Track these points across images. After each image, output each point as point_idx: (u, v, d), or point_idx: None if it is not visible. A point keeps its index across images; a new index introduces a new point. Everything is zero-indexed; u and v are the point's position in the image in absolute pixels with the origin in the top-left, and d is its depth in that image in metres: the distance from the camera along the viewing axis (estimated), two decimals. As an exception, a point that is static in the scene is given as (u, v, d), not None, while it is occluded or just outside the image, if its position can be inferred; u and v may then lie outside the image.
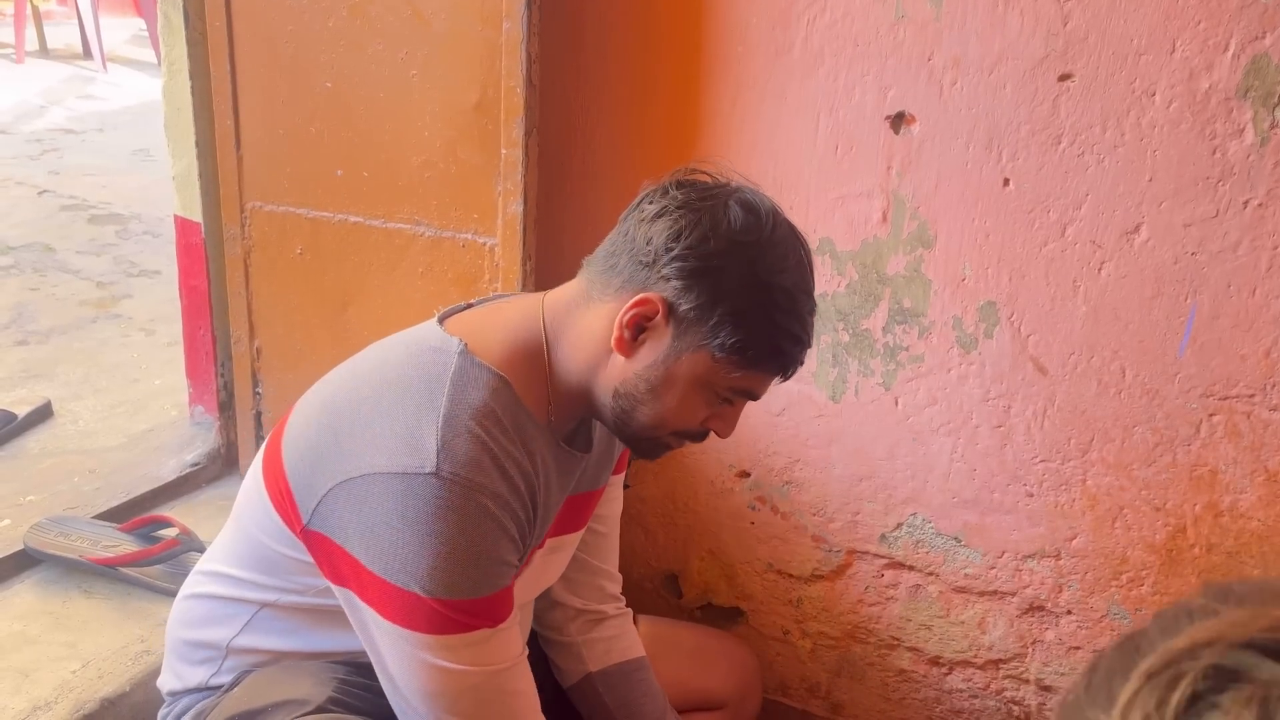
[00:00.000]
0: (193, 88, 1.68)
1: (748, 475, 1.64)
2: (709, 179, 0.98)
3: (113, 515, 1.66)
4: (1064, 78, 1.29)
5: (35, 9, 5.98)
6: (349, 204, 1.60)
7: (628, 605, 1.31)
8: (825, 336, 1.51)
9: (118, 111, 5.09)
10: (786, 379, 1.00)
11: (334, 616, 0.99)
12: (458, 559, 0.91)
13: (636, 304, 0.94)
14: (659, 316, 0.94)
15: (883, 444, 1.53)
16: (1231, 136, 1.23)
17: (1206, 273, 1.28)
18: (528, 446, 0.98)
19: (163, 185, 2.01)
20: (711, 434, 1.03)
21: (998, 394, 1.44)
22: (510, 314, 1.03)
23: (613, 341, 0.96)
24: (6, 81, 5.29)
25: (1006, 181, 1.35)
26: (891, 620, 1.62)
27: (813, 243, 1.47)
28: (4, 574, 1.50)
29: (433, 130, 1.51)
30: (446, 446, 0.91)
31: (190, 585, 1.13)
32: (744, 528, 1.67)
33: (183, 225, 1.83)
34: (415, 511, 0.90)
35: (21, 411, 1.98)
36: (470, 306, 1.06)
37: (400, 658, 0.95)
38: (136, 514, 1.66)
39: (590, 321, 0.99)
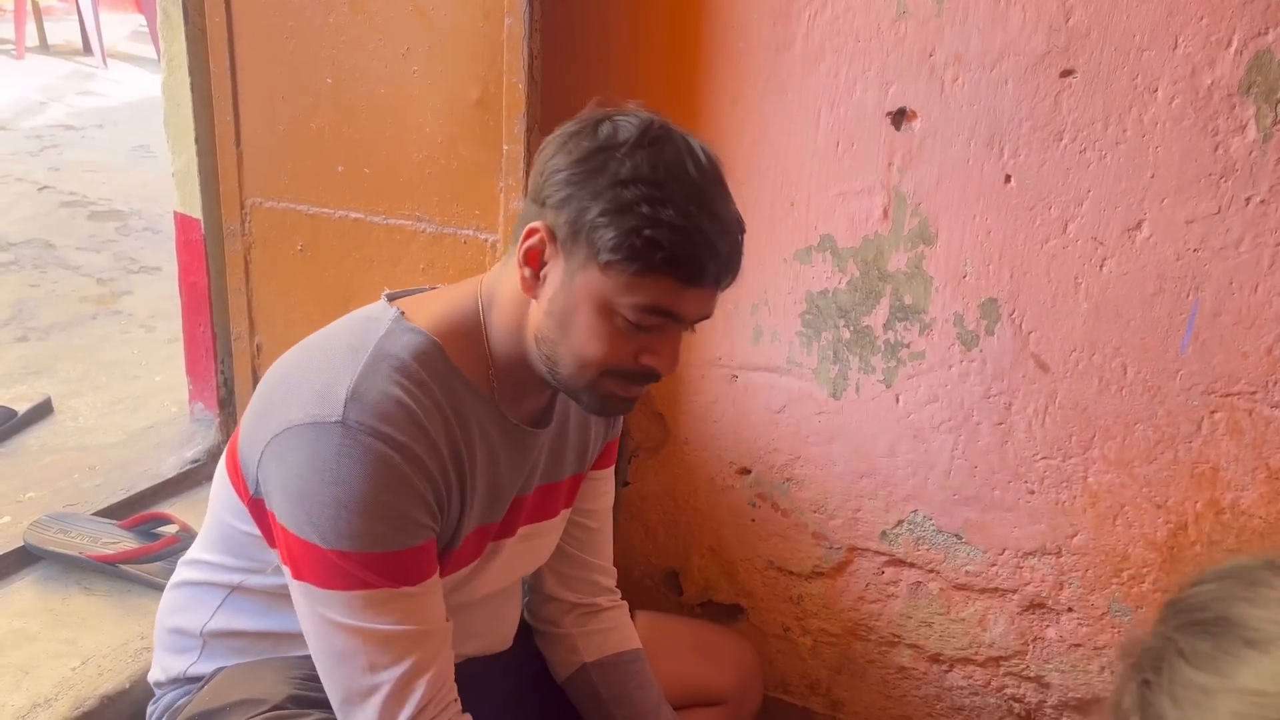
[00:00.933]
0: (192, 83, 1.68)
1: (748, 472, 1.64)
2: (600, 110, 0.97)
3: (113, 512, 1.67)
4: (1066, 74, 1.29)
5: (36, 5, 5.98)
6: (350, 200, 1.60)
7: (625, 600, 1.31)
8: (826, 333, 1.51)
9: (118, 108, 5.09)
10: (691, 283, 0.92)
11: None
12: (358, 509, 0.90)
13: (525, 237, 0.94)
14: (547, 244, 0.93)
15: (883, 441, 1.53)
16: (1234, 133, 1.23)
17: (1208, 269, 1.28)
18: (459, 411, 0.97)
19: (163, 181, 2.01)
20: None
21: (999, 391, 1.43)
22: (452, 290, 1.04)
23: (521, 287, 0.96)
24: (6, 77, 5.28)
25: (1008, 178, 1.35)
26: (892, 617, 1.62)
27: (814, 239, 1.47)
28: (4, 571, 1.50)
29: (434, 126, 1.50)
30: (356, 395, 0.92)
31: (174, 577, 1.15)
32: (744, 525, 1.67)
33: (182, 221, 1.83)
34: (320, 460, 0.90)
35: (21, 408, 1.98)
36: (424, 291, 1.08)
37: (309, 618, 0.95)
38: (136, 511, 1.66)
39: (509, 276, 0.99)
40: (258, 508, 0.98)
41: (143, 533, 1.57)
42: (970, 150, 1.35)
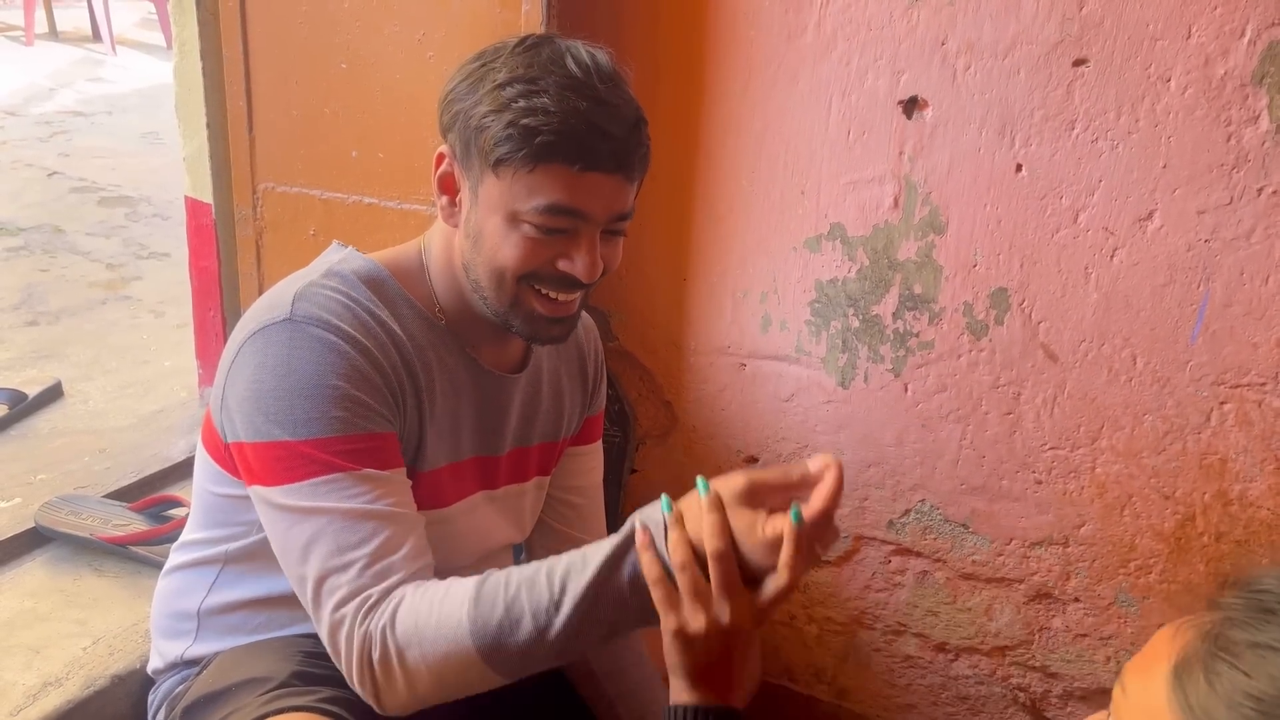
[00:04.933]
0: (204, 68, 1.68)
1: (756, 460, 1.64)
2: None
3: (123, 494, 1.67)
4: (1079, 63, 1.28)
5: (45, -9, 5.98)
6: (364, 185, 1.60)
7: None
8: (835, 322, 1.51)
9: (127, 94, 5.09)
10: (586, 167, 0.90)
11: None
12: (313, 395, 0.91)
13: (435, 165, 0.98)
14: (451, 166, 0.97)
15: (891, 430, 1.53)
16: (1246, 123, 1.23)
17: (1219, 260, 1.28)
18: (411, 334, 1.00)
19: (172, 168, 2.01)
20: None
21: (1007, 381, 1.43)
22: (404, 244, 1.09)
23: (441, 218, 1.00)
24: (16, 64, 5.29)
25: (1019, 167, 1.35)
26: (898, 606, 1.62)
27: (824, 228, 1.47)
28: (15, 552, 1.51)
29: (449, 111, 1.51)
30: (301, 296, 0.95)
31: (167, 564, 1.15)
32: (751, 513, 1.67)
33: (193, 206, 1.83)
34: (272, 358, 0.92)
35: (32, 391, 1.99)
36: None
37: (276, 523, 0.93)
38: (146, 493, 1.67)
39: (440, 221, 1.03)
40: (230, 453, 0.98)
41: (153, 515, 1.58)
42: (981, 139, 1.35)
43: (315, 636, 1.03)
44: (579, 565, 0.86)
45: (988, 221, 1.38)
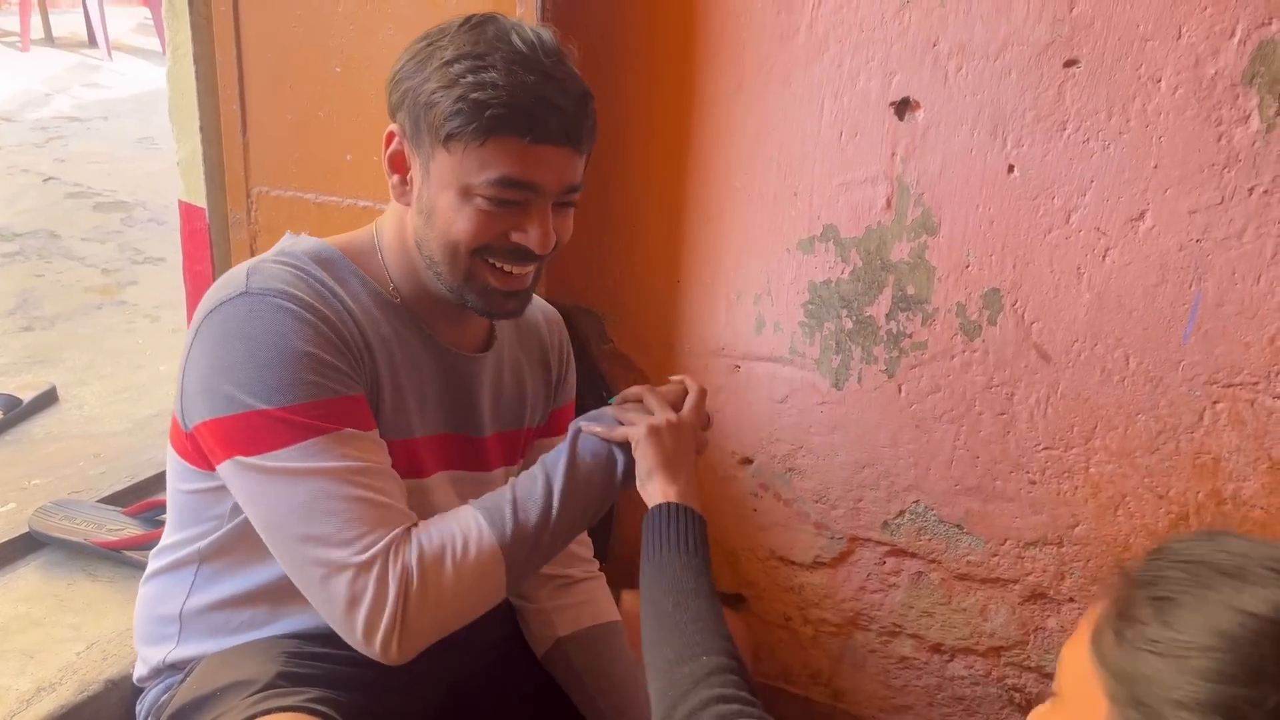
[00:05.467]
0: (197, 72, 1.68)
1: (750, 462, 1.65)
2: None
3: (117, 499, 1.67)
4: (1069, 64, 1.29)
5: (40, -3, 5.98)
6: (358, 188, 1.60)
7: (628, 590, 1.31)
8: (829, 323, 1.51)
9: (122, 99, 5.09)
10: (536, 139, 0.92)
11: (257, 539, 0.98)
12: (280, 361, 0.91)
13: (385, 144, 0.98)
14: (401, 145, 0.97)
15: (885, 431, 1.53)
16: (1237, 123, 1.23)
17: (1211, 260, 1.28)
18: (364, 308, 1.00)
19: (167, 173, 2.01)
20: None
21: (1001, 381, 1.44)
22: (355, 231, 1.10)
23: (393, 197, 1.00)
24: (12, 69, 5.28)
25: (1011, 168, 1.35)
26: (893, 607, 1.62)
27: (817, 229, 1.47)
28: (10, 557, 1.50)
29: (442, 115, 1.51)
30: (254, 271, 0.96)
31: (146, 571, 1.15)
32: (746, 515, 1.68)
33: (187, 210, 1.83)
34: (231, 331, 0.92)
35: (27, 396, 1.99)
36: None
37: (261, 499, 0.93)
38: (141, 498, 1.67)
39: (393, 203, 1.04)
40: (194, 444, 0.98)
41: (147, 520, 1.57)
42: (973, 140, 1.36)
43: (299, 636, 1.04)
44: (550, 460, 1.01)
45: (980, 222, 1.38)
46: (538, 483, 0.99)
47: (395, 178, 0.99)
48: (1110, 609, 0.65)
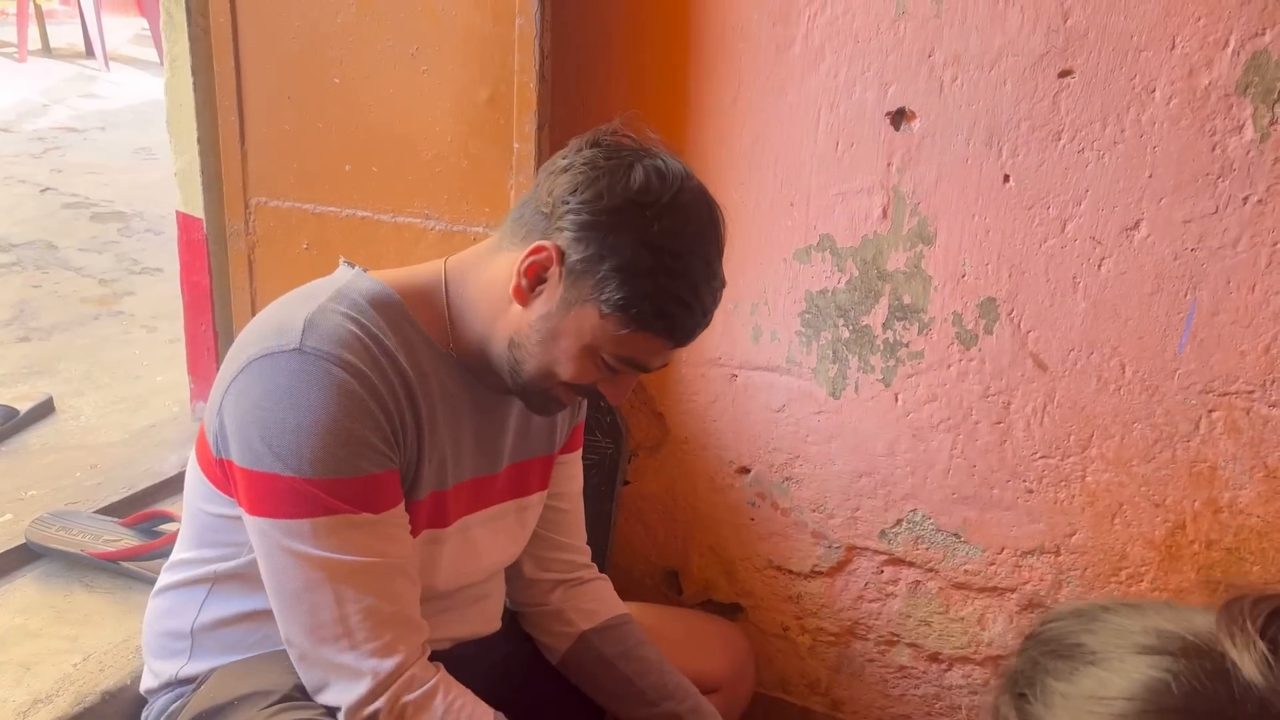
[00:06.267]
0: (195, 83, 1.69)
1: (748, 471, 1.65)
2: (629, 141, 0.99)
3: (114, 510, 1.67)
4: (1064, 74, 1.29)
5: (38, 8, 5.99)
6: (357, 199, 1.61)
7: (623, 599, 1.32)
8: (825, 333, 1.52)
9: (120, 110, 5.10)
10: (677, 345, 0.99)
11: None
12: (317, 432, 0.92)
13: (533, 251, 0.97)
14: (553, 265, 0.96)
15: (883, 440, 1.53)
16: (1231, 133, 1.24)
17: (1206, 269, 1.29)
18: (415, 360, 1.00)
19: (165, 183, 2.02)
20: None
21: (997, 390, 1.44)
22: (415, 266, 1.09)
23: (511, 289, 0.99)
24: (9, 80, 5.29)
25: (1007, 178, 1.36)
26: (891, 616, 1.62)
27: (813, 239, 1.48)
28: (6, 568, 1.50)
29: (444, 125, 1.51)
30: (311, 324, 0.95)
31: (157, 584, 1.15)
32: (744, 524, 1.68)
33: (184, 221, 1.84)
34: (278, 388, 0.93)
35: (24, 407, 1.99)
36: None
37: (269, 556, 0.95)
38: (138, 509, 1.66)
39: (495, 269, 1.02)
40: (223, 470, 0.99)
41: (144, 530, 1.57)
42: (969, 150, 1.36)
43: None
44: None
45: (976, 232, 1.39)
46: None
47: (526, 281, 0.97)
48: (999, 694, 0.61)
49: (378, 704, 0.94)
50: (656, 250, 0.93)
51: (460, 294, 1.04)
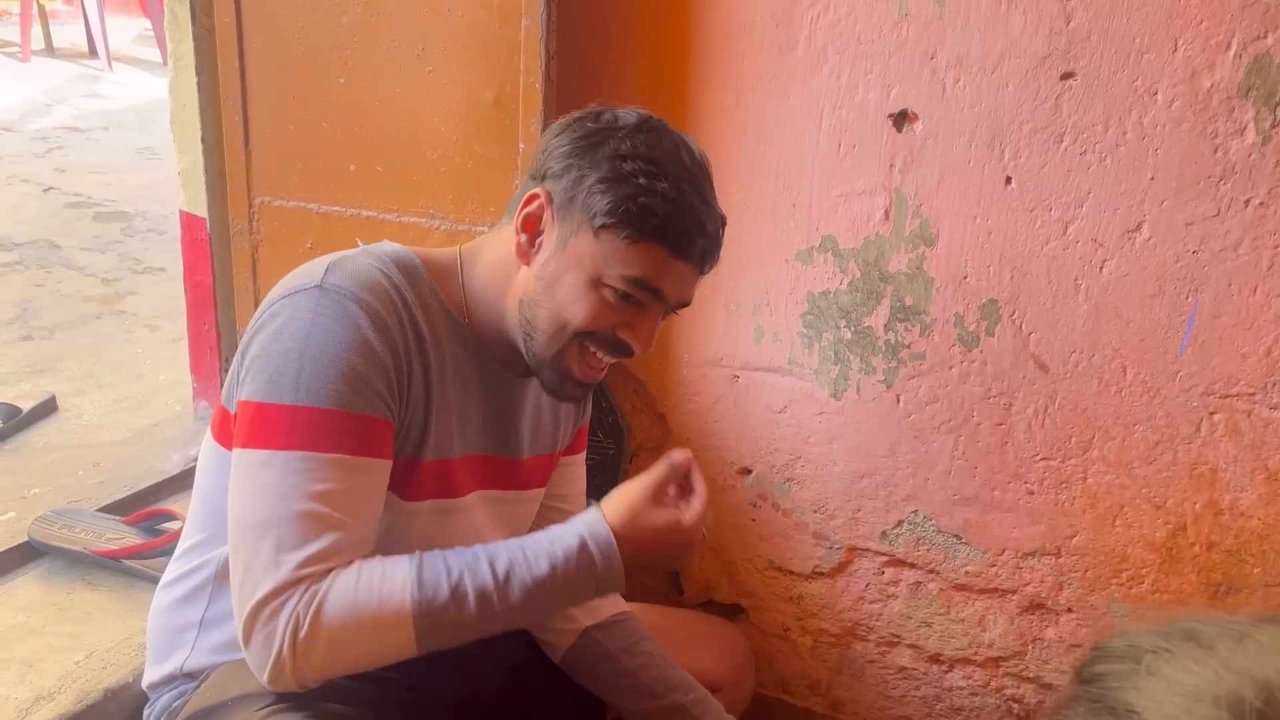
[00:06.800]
0: (199, 83, 1.69)
1: (749, 472, 1.65)
2: (605, 105, 1.03)
3: (117, 508, 1.67)
4: (1066, 76, 1.30)
5: (41, 8, 6.00)
6: (362, 198, 1.61)
7: (627, 601, 1.32)
8: (827, 334, 1.52)
9: (123, 110, 5.11)
10: (679, 256, 0.97)
11: None
12: (322, 362, 0.92)
13: (525, 203, 1.00)
14: (545, 210, 0.99)
15: (884, 441, 1.53)
16: (1233, 135, 1.24)
17: (1208, 271, 1.29)
18: (431, 323, 1.02)
19: (167, 184, 2.03)
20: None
21: (999, 392, 1.44)
22: (431, 248, 1.11)
23: (514, 252, 1.01)
24: (12, 80, 5.30)
25: (1008, 180, 1.36)
26: (892, 617, 1.62)
27: (815, 240, 1.48)
28: (9, 566, 1.50)
29: (449, 125, 1.52)
30: (335, 265, 0.98)
31: (164, 576, 1.15)
32: (745, 525, 1.68)
33: (188, 220, 1.84)
34: (294, 321, 0.94)
35: (26, 405, 1.99)
36: None
37: (238, 488, 0.93)
38: (140, 507, 1.67)
39: (499, 241, 1.05)
40: (232, 421, 0.99)
41: (146, 529, 1.57)
42: (971, 152, 1.36)
43: None
44: (533, 550, 0.95)
45: (978, 233, 1.39)
46: (498, 564, 0.94)
47: (524, 237, 1.01)
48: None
49: (288, 594, 0.90)
50: (634, 158, 0.96)
51: (473, 275, 1.07)
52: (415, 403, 1.01)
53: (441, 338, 1.03)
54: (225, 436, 1.03)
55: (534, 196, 0.99)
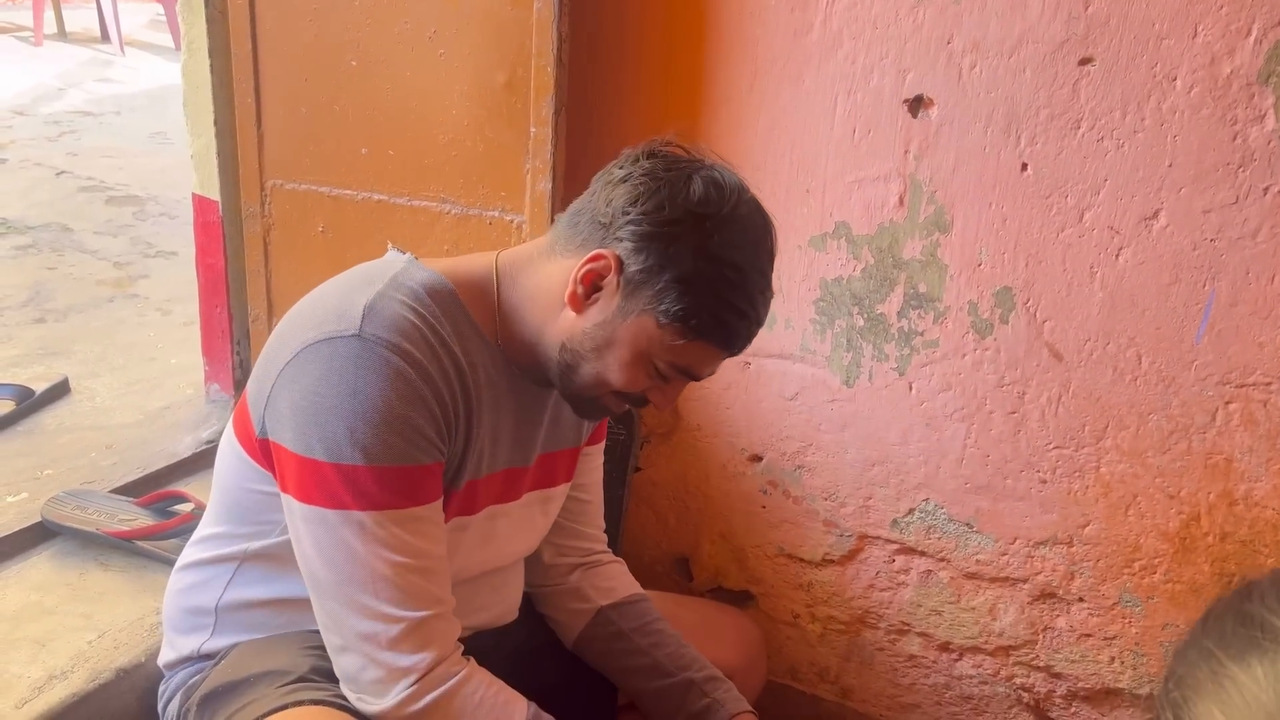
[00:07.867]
0: (212, 66, 1.69)
1: (760, 459, 1.65)
2: (683, 153, 1.01)
3: (129, 490, 1.68)
4: (1084, 61, 1.28)
5: (54, -8, 6.01)
6: (373, 182, 1.61)
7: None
8: (840, 321, 1.51)
9: (135, 95, 5.11)
10: (731, 354, 1.01)
11: None
12: (373, 420, 0.92)
13: (591, 259, 0.97)
14: (611, 274, 0.97)
15: (896, 429, 1.53)
16: (1252, 122, 1.23)
17: (1225, 259, 1.28)
18: (466, 350, 1.01)
19: (180, 168, 2.02)
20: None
21: (1012, 380, 1.44)
22: (464, 256, 1.09)
23: (566, 296, 0.99)
24: (25, 64, 5.31)
25: (1025, 166, 1.35)
26: (902, 605, 1.62)
27: (829, 226, 1.47)
28: (22, 546, 1.51)
29: (460, 109, 1.51)
30: (371, 311, 0.95)
31: (182, 558, 1.15)
32: (755, 512, 1.68)
33: (200, 203, 1.84)
34: (335, 374, 0.93)
35: (39, 388, 2.00)
36: None
37: (312, 544, 0.95)
38: (152, 489, 1.67)
39: (549, 273, 1.02)
40: (265, 450, 0.99)
41: (159, 510, 1.58)
42: (987, 138, 1.35)
43: None
44: None
45: (993, 220, 1.38)
46: None
47: (582, 290, 0.98)
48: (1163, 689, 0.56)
49: (414, 699, 0.95)
50: (716, 262, 0.94)
51: (511, 293, 1.05)
52: (458, 439, 1.01)
53: (477, 363, 1.02)
54: (246, 436, 1.03)
55: (601, 257, 0.96)
